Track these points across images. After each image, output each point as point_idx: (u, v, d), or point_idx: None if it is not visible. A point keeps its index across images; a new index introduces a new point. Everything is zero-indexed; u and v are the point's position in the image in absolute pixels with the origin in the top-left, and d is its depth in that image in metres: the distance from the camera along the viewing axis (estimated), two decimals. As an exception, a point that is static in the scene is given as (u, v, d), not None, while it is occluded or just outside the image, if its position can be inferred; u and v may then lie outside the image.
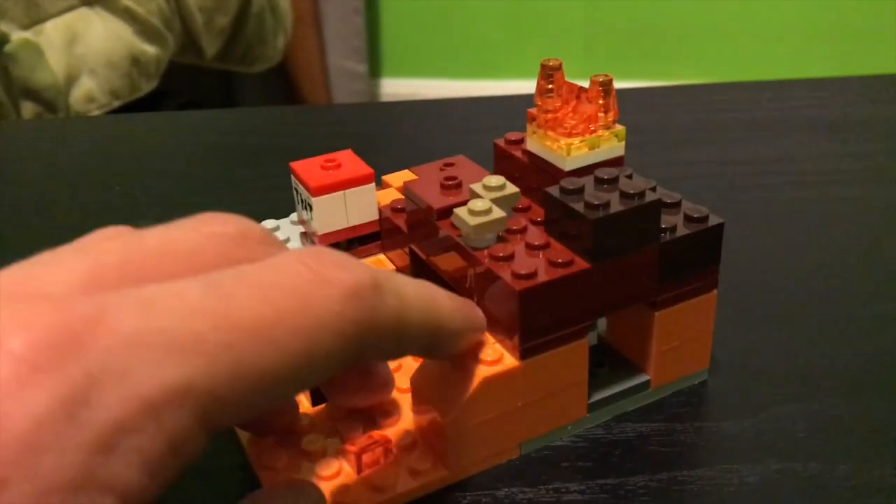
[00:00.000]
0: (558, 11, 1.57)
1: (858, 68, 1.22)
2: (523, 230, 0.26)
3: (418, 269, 0.31)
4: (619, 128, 0.29)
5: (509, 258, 0.25)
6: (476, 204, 0.25)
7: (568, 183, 0.25)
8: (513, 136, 0.32)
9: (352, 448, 0.25)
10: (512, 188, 0.27)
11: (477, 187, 0.27)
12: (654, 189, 0.26)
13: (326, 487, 0.25)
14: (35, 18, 0.83)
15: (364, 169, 0.31)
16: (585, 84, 0.29)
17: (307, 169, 0.31)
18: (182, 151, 0.52)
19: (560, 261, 0.24)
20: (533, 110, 0.30)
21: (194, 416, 0.15)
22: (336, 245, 0.32)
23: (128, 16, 0.84)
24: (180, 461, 0.15)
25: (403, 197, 0.33)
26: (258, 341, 0.15)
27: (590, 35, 1.57)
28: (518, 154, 0.31)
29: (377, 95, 1.72)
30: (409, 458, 0.26)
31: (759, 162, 0.46)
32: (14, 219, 0.44)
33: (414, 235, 0.30)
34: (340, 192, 0.31)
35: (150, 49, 0.86)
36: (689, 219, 0.26)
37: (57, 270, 0.16)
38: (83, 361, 0.14)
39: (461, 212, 0.26)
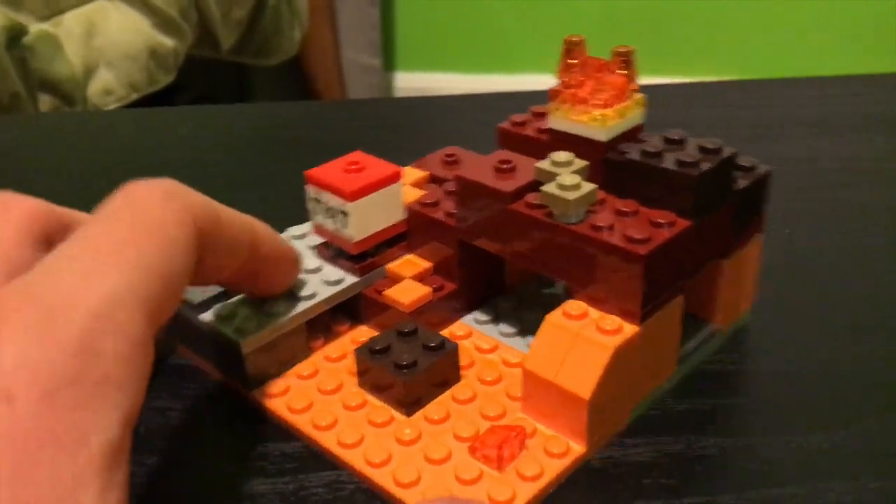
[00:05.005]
0: (575, 6, 1.54)
1: (888, 66, 1.16)
2: (602, 200, 0.27)
3: (469, 261, 0.30)
4: (640, 96, 0.30)
5: (611, 227, 0.25)
6: (565, 179, 0.25)
7: (648, 146, 0.26)
8: (518, 118, 0.32)
9: (487, 444, 0.25)
10: (581, 161, 0.27)
11: (545, 165, 0.27)
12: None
13: (477, 491, 0.24)
14: (54, 10, 0.81)
15: (390, 167, 0.30)
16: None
17: (330, 175, 0.30)
18: (199, 146, 0.51)
19: (663, 221, 0.25)
20: (556, 87, 0.30)
21: (137, 310, 0.19)
22: (365, 253, 0.31)
23: (146, 8, 0.84)
24: (147, 356, 0.19)
25: (426, 192, 0.32)
26: (133, 251, 0.20)
27: (607, 30, 1.52)
28: (531, 133, 0.31)
29: (391, 89, 1.66)
30: (539, 443, 0.25)
31: (819, 160, 0.44)
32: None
33: (468, 225, 0.29)
34: (375, 194, 0.29)
35: (167, 41, 0.86)
36: (743, 169, 0.28)
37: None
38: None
39: (551, 188, 0.26)
